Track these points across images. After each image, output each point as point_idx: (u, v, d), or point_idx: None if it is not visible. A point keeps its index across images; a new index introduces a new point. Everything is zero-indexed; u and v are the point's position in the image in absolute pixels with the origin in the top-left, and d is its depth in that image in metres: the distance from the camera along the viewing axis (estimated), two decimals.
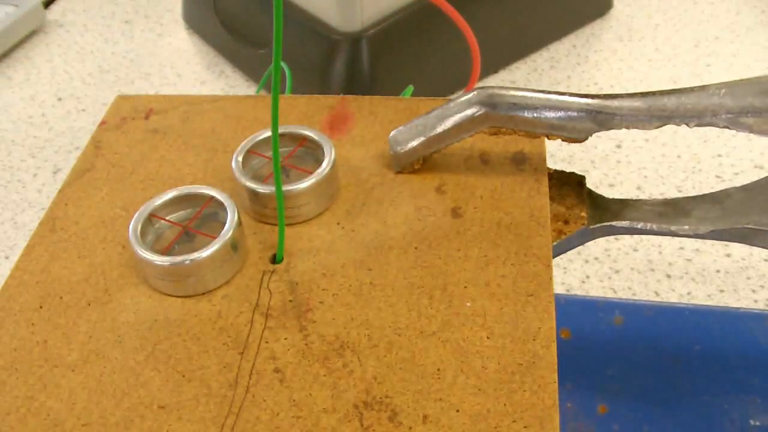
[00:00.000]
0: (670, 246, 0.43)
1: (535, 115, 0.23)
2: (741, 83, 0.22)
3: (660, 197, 0.33)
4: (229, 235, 0.21)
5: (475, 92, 0.23)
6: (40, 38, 0.64)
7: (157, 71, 0.60)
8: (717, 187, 0.46)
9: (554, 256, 0.23)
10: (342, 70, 0.50)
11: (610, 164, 0.48)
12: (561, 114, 0.23)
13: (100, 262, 0.23)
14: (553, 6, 0.58)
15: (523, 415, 0.18)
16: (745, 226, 0.23)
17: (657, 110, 0.22)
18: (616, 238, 0.43)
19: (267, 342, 0.20)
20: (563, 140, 0.23)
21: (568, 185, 0.25)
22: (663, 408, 0.35)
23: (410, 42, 0.51)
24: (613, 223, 0.25)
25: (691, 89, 0.22)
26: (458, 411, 0.18)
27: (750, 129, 0.22)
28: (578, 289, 0.41)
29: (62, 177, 0.50)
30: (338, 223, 0.23)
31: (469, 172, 0.25)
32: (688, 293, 0.40)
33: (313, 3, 0.51)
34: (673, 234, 0.24)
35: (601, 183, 0.47)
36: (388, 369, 0.19)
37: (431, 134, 0.24)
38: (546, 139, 0.24)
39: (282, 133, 0.25)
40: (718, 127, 0.22)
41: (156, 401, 0.19)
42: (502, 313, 0.20)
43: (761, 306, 0.40)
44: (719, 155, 0.48)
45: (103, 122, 0.28)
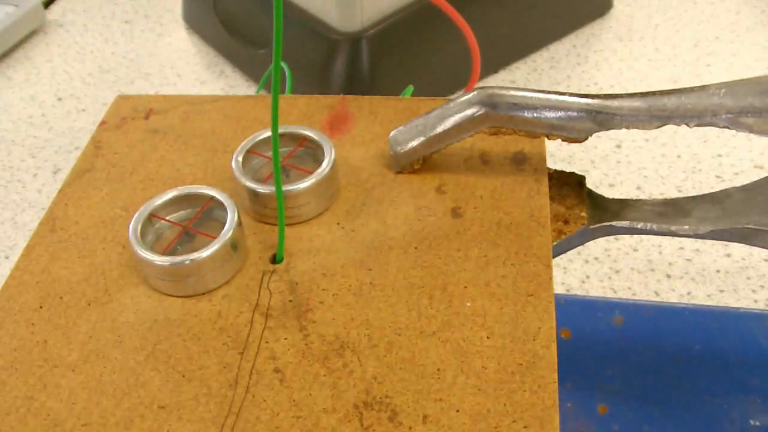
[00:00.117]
0: (670, 246, 0.43)
1: (535, 115, 0.23)
2: (741, 83, 0.22)
3: (660, 197, 0.33)
4: (229, 235, 0.21)
5: (475, 92, 0.23)
6: (40, 38, 0.64)
7: (157, 71, 0.60)
8: (717, 187, 0.46)
9: (554, 256, 0.23)
10: (342, 70, 0.49)
11: (610, 164, 0.48)
12: (561, 114, 0.23)
13: (100, 262, 0.23)
14: (553, 6, 0.58)
15: (523, 415, 0.18)
16: (745, 226, 0.23)
17: (657, 110, 0.22)
18: (616, 238, 0.43)
19: (267, 342, 0.20)
20: (563, 140, 0.23)
21: (568, 185, 0.25)
22: (663, 408, 0.35)
23: (410, 42, 0.51)
24: (613, 223, 0.25)
25: (691, 89, 0.22)
26: (458, 411, 0.18)
27: (750, 129, 0.22)
28: (578, 289, 0.41)
29: (62, 177, 0.50)
30: (338, 223, 0.23)
31: (469, 172, 0.25)
32: (688, 293, 0.40)
33: (313, 3, 0.51)
34: (673, 234, 0.24)
35: (601, 183, 0.47)
36: (388, 369, 0.19)
37: (431, 134, 0.24)
38: (546, 139, 0.24)
39: (282, 133, 0.25)
40: (718, 127, 0.22)
41: (156, 401, 0.19)
42: (502, 313, 0.20)
43: (761, 306, 0.40)
44: (719, 155, 0.48)
45: (103, 122, 0.28)
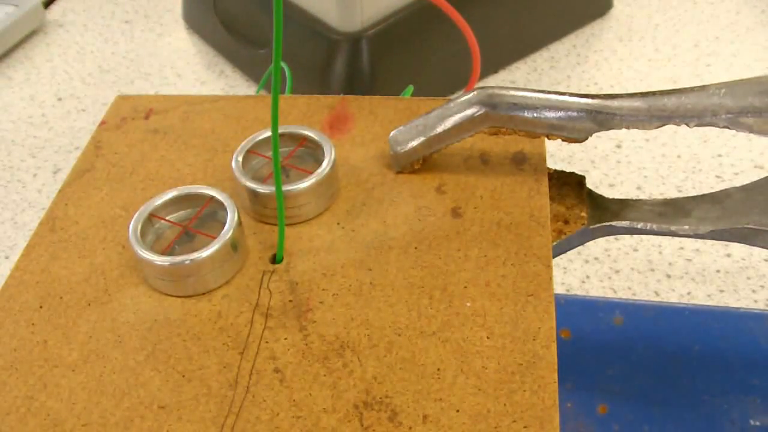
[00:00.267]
0: (670, 246, 0.43)
1: (535, 115, 0.23)
2: (741, 83, 0.22)
3: (660, 197, 0.33)
4: (229, 235, 0.21)
5: (475, 92, 0.23)
6: (40, 38, 0.64)
7: (157, 71, 0.60)
8: (717, 187, 0.46)
9: (554, 256, 0.23)
10: (342, 70, 0.49)
11: (610, 164, 0.48)
12: (561, 114, 0.23)
13: (100, 262, 0.23)
14: (553, 6, 0.58)
15: (523, 415, 0.18)
16: (745, 226, 0.23)
17: (657, 110, 0.22)
18: (616, 238, 0.43)
19: (267, 342, 0.20)
20: (563, 140, 0.23)
21: (568, 185, 0.25)
22: (663, 408, 0.35)
23: (410, 42, 0.51)
24: (613, 223, 0.25)
25: (691, 89, 0.22)
26: (458, 411, 0.18)
27: (750, 129, 0.22)
28: (578, 289, 0.41)
29: (62, 177, 0.50)
30: (338, 223, 0.23)
31: (469, 172, 0.25)
32: (688, 293, 0.40)
33: (313, 3, 0.51)
34: (673, 234, 0.24)
35: (601, 183, 0.47)
36: (388, 369, 0.19)
37: (431, 134, 0.24)
38: (546, 139, 0.24)
39: (282, 133, 0.25)
40: (718, 127, 0.22)
41: (156, 401, 0.19)
42: (502, 313, 0.20)
43: (761, 306, 0.40)
44: (719, 155, 0.48)
45: (103, 122, 0.28)
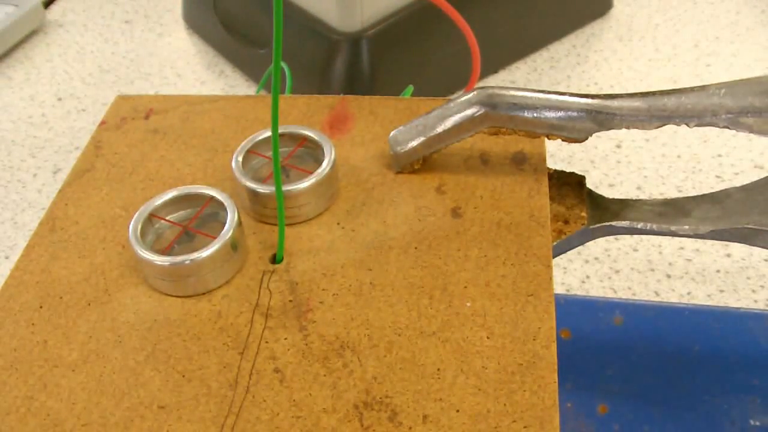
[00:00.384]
0: (670, 246, 0.43)
1: (535, 115, 0.23)
2: (741, 83, 0.22)
3: (660, 197, 0.33)
4: (229, 235, 0.21)
5: (475, 92, 0.23)
6: (40, 38, 0.64)
7: (157, 71, 0.60)
8: (717, 187, 0.46)
9: (554, 256, 0.23)
10: (342, 70, 0.49)
11: (610, 164, 0.48)
12: (561, 114, 0.23)
13: (100, 262, 0.23)
14: (553, 6, 0.58)
15: (523, 415, 0.18)
16: (745, 226, 0.23)
17: (657, 110, 0.22)
18: (616, 238, 0.43)
19: (267, 342, 0.20)
20: (563, 140, 0.23)
21: (568, 185, 0.25)
22: (663, 408, 0.35)
23: (410, 42, 0.51)
24: (613, 223, 0.25)
25: (691, 89, 0.22)
26: (458, 411, 0.18)
27: (750, 129, 0.22)
28: (578, 289, 0.41)
29: (62, 177, 0.50)
30: (338, 223, 0.23)
31: (469, 172, 0.25)
32: (688, 293, 0.40)
33: (313, 3, 0.51)
34: (673, 234, 0.24)
35: (601, 183, 0.47)
36: (388, 369, 0.19)
37: (431, 134, 0.24)
38: (546, 139, 0.24)
39: (282, 133, 0.25)
40: (718, 127, 0.22)
41: (156, 401, 0.19)
42: (502, 313, 0.20)
43: (761, 306, 0.40)
44: (719, 155, 0.48)
45: (103, 122, 0.28)
